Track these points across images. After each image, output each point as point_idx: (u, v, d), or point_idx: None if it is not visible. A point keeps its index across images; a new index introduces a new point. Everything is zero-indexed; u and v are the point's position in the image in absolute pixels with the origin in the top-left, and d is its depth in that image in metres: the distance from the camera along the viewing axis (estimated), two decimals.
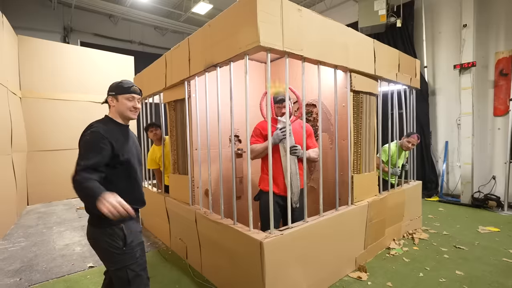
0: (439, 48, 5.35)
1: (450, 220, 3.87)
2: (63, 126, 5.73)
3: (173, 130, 2.93)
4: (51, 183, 5.54)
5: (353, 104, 2.49)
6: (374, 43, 2.64)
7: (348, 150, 2.45)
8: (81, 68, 5.99)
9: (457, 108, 5.11)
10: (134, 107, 1.45)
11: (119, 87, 1.45)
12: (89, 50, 6.27)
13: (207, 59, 2.16)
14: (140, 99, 1.49)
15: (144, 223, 3.85)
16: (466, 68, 4.64)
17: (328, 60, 2.13)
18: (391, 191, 3.00)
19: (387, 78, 2.83)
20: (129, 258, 1.37)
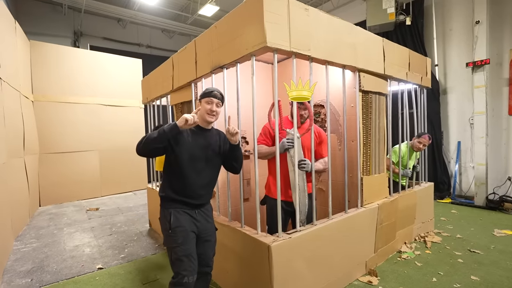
0: (450, 46, 5.22)
1: (463, 223, 3.75)
2: (72, 129, 5.83)
3: None
4: (61, 184, 5.64)
5: (362, 104, 2.44)
6: (383, 42, 2.58)
7: (357, 151, 2.40)
8: (90, 72, 6.09)
9: (470, 107, 4.98)
10: (211, 109, 1.58)
11: (203, 92, 1.62)
12: (98, 54, 6.37)
13: (214, 61, 2.15)
14: (219, 104, 1.61)
15: (152, 224, 3.87)
16: (479, 65, 4.51)
17: (336, 60, 2.09)
18: (402, 193, 2.93)
19: (397, 77, 2.77)
20: (172, 241, 1.52)
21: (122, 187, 6.48)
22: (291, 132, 2.01)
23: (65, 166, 5.72)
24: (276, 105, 1.87)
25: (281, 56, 2.99)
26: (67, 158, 5.77)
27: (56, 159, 5.64)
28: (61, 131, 5.70)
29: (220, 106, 1.62)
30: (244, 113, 2.81)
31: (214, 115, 1.60)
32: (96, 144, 6.12)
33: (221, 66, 2.07)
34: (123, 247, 3.21)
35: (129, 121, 6.53)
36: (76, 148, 5.88)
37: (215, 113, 1.60)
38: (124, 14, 7.57)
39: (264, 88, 3.19)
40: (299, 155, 1.99)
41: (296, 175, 1.94)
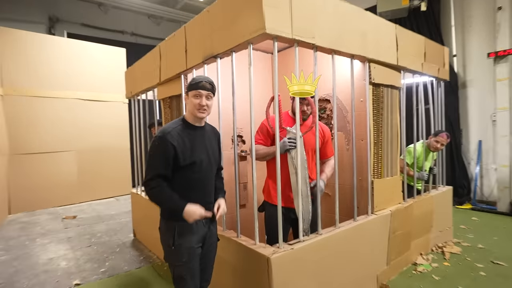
0: (469, 34, 5.24)
1: (485, 231, 3.76)
2: (47, 127, 5.78)
3: None
4: (34, 190, 5.60)
5: (372, 98, 2.43)
6: (396, 29, 2.58)
7: (367, 151, 2.39)
8: (67, 62, 6.04)
9: (492, 102, 4.99)
10: (200, 104, 1.52)
11: (189, 83, 1.56)
12: (76, 42, 6.33)
13: (206, 50, 2.13)
14: (210, 96, 1.56)
15: (137, 234, 3.85)
16: (501, 56, 4.53)
17: (343, 49, 2.08)
18: (417, 198, 2.93)
19: (411, 69, 2.77)
20: (176, 259, 1.54)
21: (103, 192, 6.44)
22: (292, 130, 2.00)
23: (38, 168, 5.68)
24: (276, 99, 1.85)
25: (282, 45, 2.97)
26: (41, 159, 5.72)
27: (28, 161, 5.60)
28: (34, 129, 5.66)
29: (211, 98, 1.57)
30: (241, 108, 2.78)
31: (205, 109, 1.55)
32: (73, 144, 6.08)
33: (214, 55, 2.06)
34: (104, 260, 3.18)
35: (112, 117, 6.49)
36: (51, 148, 5.84)
37: (206, 108, 1.54)
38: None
39: (263, 80, 3.18)
40: (301, 156, 1.97)
41: (299, 179, 1.92)
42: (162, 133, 1.51)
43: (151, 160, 1.52)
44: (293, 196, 2.01)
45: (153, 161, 1.51)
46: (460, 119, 5.35)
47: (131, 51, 7.00)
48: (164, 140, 1.48)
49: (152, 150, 1.53)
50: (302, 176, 1.96)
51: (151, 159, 1.52)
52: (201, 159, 1.57)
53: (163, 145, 1.48)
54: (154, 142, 1.53)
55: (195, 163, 1.54)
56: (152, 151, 1.52)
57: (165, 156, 1.48)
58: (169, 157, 1.48)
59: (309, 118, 2.17)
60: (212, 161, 1.66)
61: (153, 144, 1.53)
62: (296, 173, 1.95)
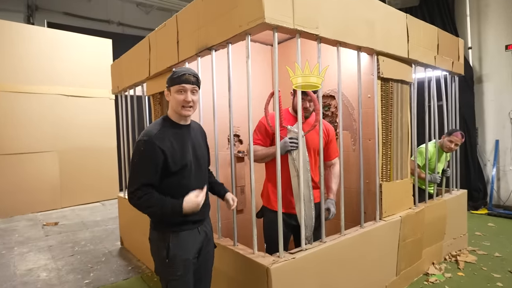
0: (486, 25, 5.26)
1: (503, 239, 3.78)
2: (26, 125, 5.75)
3: None
4: (12, 194, 5.56)
5: (381, 94, 2.43)
6: (407, 19, 2.58)
7: (375, 152, 2.39)
8: (48, 55, 6.01)
9: (510, 99, 5.02)
10: (185, 100, 1.45)
11: (170, 77, 1.50)
12: (57, 32, 6.31)
13: (200, 41, 2.12)
14: (195, 90, 1.50)
15: (124, 242, 3.84)
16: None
17: (349, 41, 2.08)
18: (429, 203, 2.93)
19: (423, 62, 2.77)
20: (170, 273, 1.50)
21: (88, 197, 6.42)
22: (293, 129, 1.99)
23: (16, 171, 5.64)
24: (276, 95, 1.85)
25: (283, 36, 2.97)
26: (19, 161, 5.69)
27: (5, 163, 5.56)
28: (11, 128, 5.62)
29: (196, 92, 1.50)
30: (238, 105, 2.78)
31: (191, 106, 1.48)
32: (55, 143, 6.05)
33: (208, 47, 2.05)
34: (88, 271, 3.17)
35: (97, 115, 6.47)
36: (31, 148, 5.81)
37: (191, 104, 1.48)
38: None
39: (262, 74, 3.17)
40: (303, 157, 1.97)
41: (301, 182, 1.92)
42: (147, 136, 1.44)
43: (136, 167, 1.45)
44: (295, 201, 2.01)
45: (138, 168, 1.44)
46: (475, 116, 5.37)
47: (118, 43, 6.97)
48: (151, 144, 1.41)
49: (136, 156, 1.45)
50: (305, 179, 1.96)
51: (136, 167, 1.45)
52: (191, 162, 1.53)
53: (150, 149, 1.42)
54: (138, 147, 1.45)
55: (186, 166, 1.50)
56: (137, 157, 1.45)
57: (152, 162, 1.42)
58: (157, 163, 1.42)
59: (312, 116, 2.17)
60: (202, 162, 1.63)
61: (137, 149, 1.45)
62: (298, 176, 1.95)
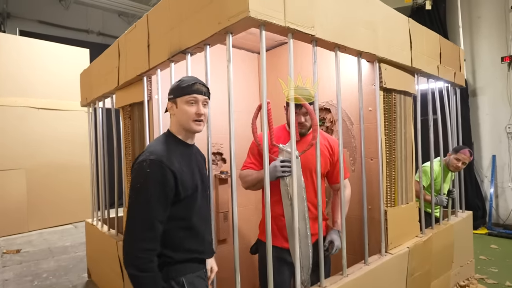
0: (479, 37, 5.14)
1: (510, 263, 3.49)
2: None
3: (129, 147, 2.53)
4: None
5: (383, 107, 2.14)
6: (409, 23, 2.32)
7: (378, 173, 2.07)
8: (18, 64, 5.57)
9: (507, 112, 4.85)
10: (197, 113, 1.25)
11: (177, 87, 1.28)
12: (29, 40, 5.90)
13: (173, 44, 1.79)
14: (207, 102, 1.31)
15: (92, 274, 3.37)
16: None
17: (349, 44, 1.78)
18: (436, 228, 2.62)
19: (426, 72, 2.51)
20: None
21: (59, 218, 5.88)
22: (285, 149, 1.65)
23: None
24: (264, 107, 1.51)
25: (270, 43, 2.69)
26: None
27: None
28: None
29: (207, 105, 1.31)
30: (220, 118, 2.44)
31: (202, 120, 1.27)
32: (22, 160, 5.53)
33: (183, 50, 1.72)
34: None
35: (70, 129, 5.98)
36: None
37: (203, 118, 1.27)
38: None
39: (248, 85, 2.85)
40: (298, 183, 1.62)
41: (295, 214, 1.57)
42: (154, 155, 1.17)
43: (142, 200, 1.14)
44: (288, 236, 1.65)
45: (145, 206, 1.13)
46: (471, 131, 5.17)
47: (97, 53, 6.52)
48: (161, 166, 1.15)
49: (139, 183, 1.15)
50: (300, 209, 1.61)
51: (141, 199, 1.14)
52: (198, 188, 1.31)
53: (159, 173, 1.14)
54: (141, 170, 1.15)
55: (195, 192, 1.28)
56: (141, 186, 1.14)
57: (164, 191, 1.15)
58: (169, 191, 1.16)
59: (310, 132, 1.84)
60: (207, 188, 1.43)
61: (141, 173, 1.15)
62: (291, 206, 1.60)
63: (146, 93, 2.18)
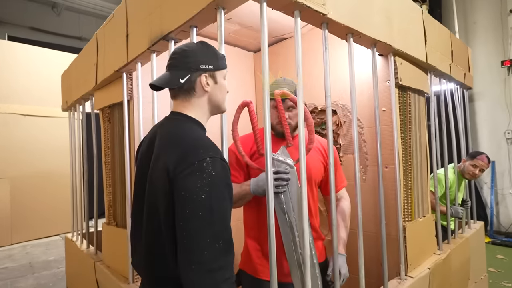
0: (475, 42, 4.88)
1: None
2: None
3: (108, 155, 2.14)
4: None
5: (399, 108, 1.79)
6: (423, 14, 2.00)
7: (395, 183, 1.72)
8: (2, 69, 5.15)
9: (505, 118, 4.58)
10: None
11: (214, 54, 0.97)
12: (14, 45, 5.50)
13: (153, 29, 1.43)
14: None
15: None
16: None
17: (364, 30, 1.44)
18: (453, 243, 2.26)
19: (440, 70, 2.18)
20: None
21: (45, 229, 5.40)
22: (278, 157, 1.28)
23: None
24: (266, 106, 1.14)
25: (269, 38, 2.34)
26: None
27: None
28: None
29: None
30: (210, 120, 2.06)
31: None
32: (6, 169, 5.06)
33: (164, 36, 1.35)
34: None
35: (57, 136, 5.52)
36: None
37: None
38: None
39: (244, 85, 2.49)
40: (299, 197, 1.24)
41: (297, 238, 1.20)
42: (214, 151, 0.84)
43: (216, 219, 0.80)
44: (290, 266, 1.27)
45: (221, 220, 0.81)
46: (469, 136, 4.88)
47: None
48: (224, 167, 0.85)
49: (212, 190, 0.80)
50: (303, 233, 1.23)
51: (217, 212, 0.80)
52: None
53: (226, 175, 0.85)
54: (206, 172, 0.80)
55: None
56: (213, 190, 0.80)
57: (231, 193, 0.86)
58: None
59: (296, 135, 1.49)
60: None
61: (208, 177, 0.80)
62: (291, 228, 1.23)
63: (126, 92, 1.81)
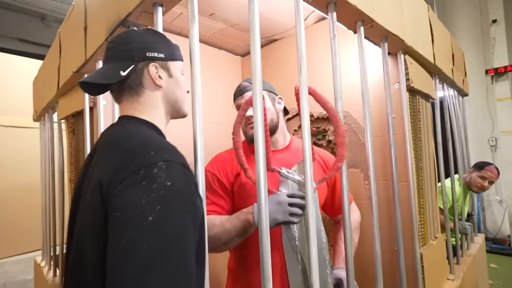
0: None
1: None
2: None
3: (72, 171, 1.71)
4: None
5: (409, 114, 1.44)
6: (429, 11, 1.67)
7: (410, 201, 1.35)
8: None
9: (488, 125, 4.34)
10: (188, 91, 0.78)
11: (165, 42, 0.72)
12: None
13: (111, 14, 1.03)
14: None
15: None
16: (501, 73, 3.91)
17: (377, 17, 1.08)
18: (463, 264, 1.91)
19: (446, 74, 1.86)
20: None
21: (24, 245, 4.79)
22: (291, 175, 0.90)
23: None
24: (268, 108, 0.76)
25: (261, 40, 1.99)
26: None
27: None
28: None
29: None
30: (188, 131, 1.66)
31: None
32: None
33: (122, 21, 0.96)
34: None
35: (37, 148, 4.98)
36: None
37: None
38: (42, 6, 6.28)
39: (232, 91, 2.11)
40: (318, 232, 0.86)
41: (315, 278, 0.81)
42: (173, 154, 0.57)
43: (173, 248, 0.49)
44: None
45: (179, 250, 0.50)
46: None
47: None
48: (190, 175, 0.58)
49: (165, 209, 0.50)
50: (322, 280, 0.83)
51: (172, 245, 0.49)
52: None
53: (192, 186, 0.58)
54: (168, 177, 0.52)
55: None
56: (167, 209, 0.50)
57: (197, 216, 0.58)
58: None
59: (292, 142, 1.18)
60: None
61: (167, 185, 0.51)
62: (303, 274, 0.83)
63: (88, 97, 1.40)
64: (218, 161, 1.08)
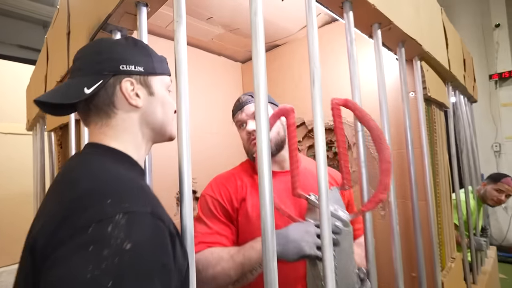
0: None
1: None
2: None
3: None
4: None
5: (426, 125, 1.28)
6: (442, 14, 1.52)
7: (429, 223, 1.19)
8: None
9: (492, 130, 4.17)
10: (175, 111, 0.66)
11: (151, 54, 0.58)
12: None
13: (91, 17, 0.88)
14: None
15: None
16: (505, 78, 3.76)
17: (395, 19, 0.93)
18: (480, 283, 1.74)
19: (459, 81, 1.70)
20: None
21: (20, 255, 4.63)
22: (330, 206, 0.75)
23: None
24: None
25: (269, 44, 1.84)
26: None
27: None
28: None
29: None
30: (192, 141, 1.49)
31: None
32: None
33: (102, 24, 0.80)
34: None
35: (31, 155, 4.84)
36: None
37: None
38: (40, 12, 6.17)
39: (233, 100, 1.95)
40: (347, 270, 0.69)
41: None
42: (138, 200, 0.42)
43: None
44: None
45: None
46: None
47: None
48: (161, 225, 0.42)
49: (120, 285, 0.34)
50: None
51: None
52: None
53: (163, 240, 0.42)
54: (128, 236, 0.36)
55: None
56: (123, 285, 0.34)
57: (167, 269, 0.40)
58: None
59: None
60: None
61: (125, 250, 0.36)
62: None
63: None
64: (220, 184, 0.92)
